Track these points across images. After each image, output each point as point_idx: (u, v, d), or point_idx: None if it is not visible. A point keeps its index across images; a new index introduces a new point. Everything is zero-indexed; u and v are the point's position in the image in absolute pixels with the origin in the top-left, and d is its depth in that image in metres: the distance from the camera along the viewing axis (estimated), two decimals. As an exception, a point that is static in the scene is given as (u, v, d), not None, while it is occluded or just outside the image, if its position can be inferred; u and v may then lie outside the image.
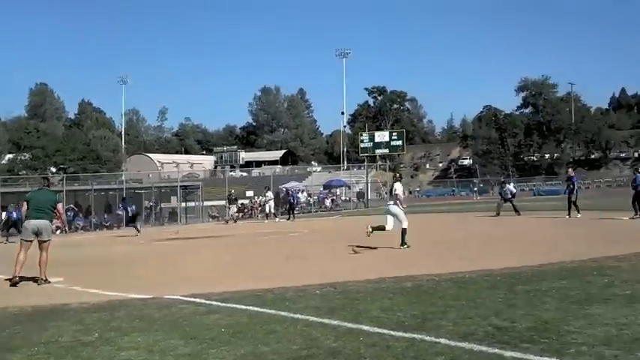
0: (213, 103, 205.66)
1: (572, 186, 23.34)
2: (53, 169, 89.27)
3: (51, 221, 11.85)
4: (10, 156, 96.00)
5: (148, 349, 5.96)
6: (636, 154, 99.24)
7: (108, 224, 38.40)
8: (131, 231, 29.16)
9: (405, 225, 14.35)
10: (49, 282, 11.14)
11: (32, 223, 11.40)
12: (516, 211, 26.33)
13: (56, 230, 34.93)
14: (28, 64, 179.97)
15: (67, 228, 29.34)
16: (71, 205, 37.74)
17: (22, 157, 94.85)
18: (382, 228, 14.51)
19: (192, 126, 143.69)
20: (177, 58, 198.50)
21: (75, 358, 5.74)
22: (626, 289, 7.77)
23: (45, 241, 11.47)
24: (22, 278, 11.23)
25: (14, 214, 28.41)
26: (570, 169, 26.19)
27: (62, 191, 37.45)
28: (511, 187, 28.93)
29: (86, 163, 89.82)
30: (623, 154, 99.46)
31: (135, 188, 44.34)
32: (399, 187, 14.78)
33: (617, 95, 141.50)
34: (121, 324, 7.24)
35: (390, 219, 14.40)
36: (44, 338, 6.64)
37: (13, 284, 10.96)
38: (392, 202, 14.61)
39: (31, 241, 11.46)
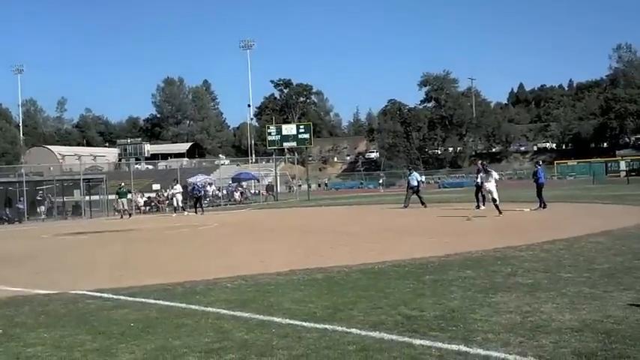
0: (115, 93, 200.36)
1: (480, 178, 23.96)
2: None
3: None
4: None
5: (54, 344, 5.85)
6: (535, 148, 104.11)
7: (8, 219, 36.78)
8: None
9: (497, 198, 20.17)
10: None
11: None
12: (422, 202, 26.95)
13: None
14: None
15: None
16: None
17: None
18: (495, 200, 20.06)
19: (93, 117, 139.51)
20: (75, 46, 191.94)
21: (-21, 356, 5.56)
22: (528, 278, 8.13)
23: None
24: None
25: None
26: (480, 162, 26.91)
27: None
28: (417, 175, 29.28)
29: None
30: (522, 148, 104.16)
31: (35, 181, 42.59)
32: (495, 173, 21.36)
33: (515, 90, 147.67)
34: (25, 320, 7.07)
35: (494, 190, 20.21)
36: (-56, 337, 6.38)
37: None
38: (491, 180, 20.62)
39: None
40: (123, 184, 38.07)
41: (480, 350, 4.95)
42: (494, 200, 20.19)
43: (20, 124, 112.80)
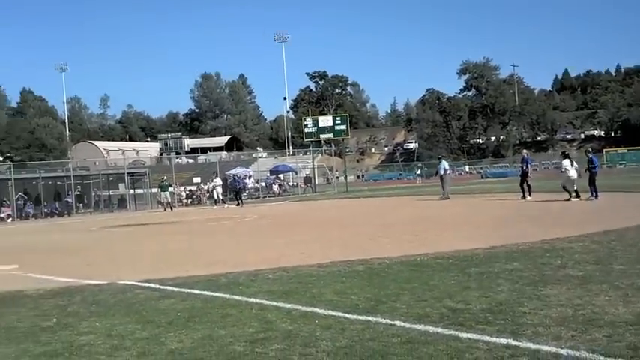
0: (156, 89, 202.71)
1: (525, 168, 23.59)
2: (0, 158, 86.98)
3: None
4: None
5: (106, 333, 6.05)
6: (582, 136, 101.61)
7: (58, 212, 37.71)
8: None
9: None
10: None
11: None
12: (443, 191, 26.84)
13: (7, 218, 34.33)
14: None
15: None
16: (21, 194, 36.96)
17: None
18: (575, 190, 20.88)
19: (135, 113, 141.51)
20: (117, 44, 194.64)
21: (35, 343, 5.78)
22: (579, 270, 7.91)
23: None
24: None
25: None
26: (525, 151, 26.47)
27: (10, 180, 36.62)
28: (445, 164, 28.86)
29: (32, 151, 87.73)
30: (569, 136, 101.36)
31: (82, 176, 43.51)
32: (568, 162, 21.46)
33: (559, 77, 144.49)
34: (78, 309, 7.30)
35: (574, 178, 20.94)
36: (2, 324, 6.69)
37: None
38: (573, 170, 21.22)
39: None
40: (165, 177, 38.68)
41: (529, 344, 4.86)
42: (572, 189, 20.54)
43: (66, 121, 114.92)
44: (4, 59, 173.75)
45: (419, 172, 71.33)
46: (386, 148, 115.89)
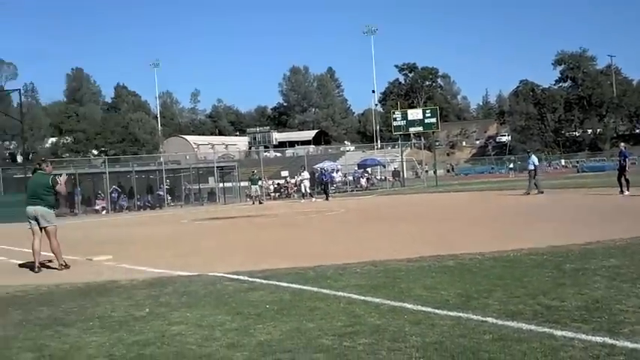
0: (245, 84, 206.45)
1: (622, 161, 22.82)
2: (95, 152, 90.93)
3: (51, 206, 11.13)
4: (53, 140, 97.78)
5: (196, 323, 6.13)
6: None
7: (150, 204, 39.04)
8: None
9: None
10: (69, 266, 10.90)
11: (29, 210, 10.99)
12: (536, 187, 26.11)
13: (102, 210, 35.81)
14: (64, 50, 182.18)
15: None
16: (115, 187, 38.46)
17: (65, 141, 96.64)
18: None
19: (224, 107, 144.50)
20: (206, 40, 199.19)
21: (128, 332, 5.93)
22: None
23: (46, 227, 10.96)
24: (42, 265, 11.08)
25: None
26: (622, 144, 25.47)
27: (105, 173, 38.15)
28: (535, 158, 28.13)
29: (125, 145, 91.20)
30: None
31: (174, 170, 44.86)
32: None
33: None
34: (169, 300, 7.45)
35: None
36: (98, 313, 6.90)
37: (36, 272, 10.74)
38: None
39: (41, 228, 11.00)
40: (255, 171, 39.35)
41: (627, 343, 4.66)
42: None
43: (158, 116, 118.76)
44: (100, 56, 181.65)
45: (511, 165, 69.55)
46: (477, 141, 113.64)
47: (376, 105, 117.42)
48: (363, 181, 49.29)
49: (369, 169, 54.28)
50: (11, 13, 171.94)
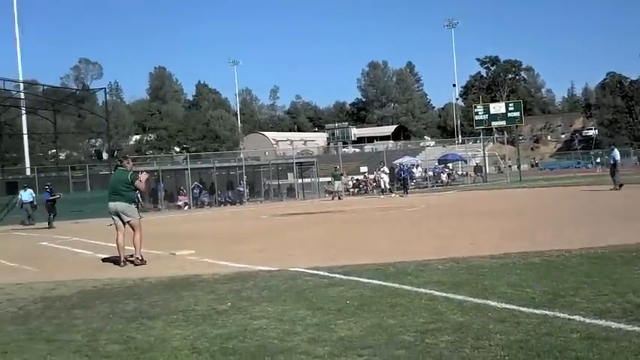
0: (323, 80, 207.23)
1: None
2: (177, 149, 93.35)
3: (131, 201, 11.39)
4: (137, 137, 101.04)
5: (277, 318, 6.17)
6: None
7: (231, 200, 39.75)
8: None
9: None
10: (145, 262, 11.08)
11: (110, 206, 11.28)
12: (614, 181, 25.27)
13: (184, 206, 36.72)
14: (147, 49, 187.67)
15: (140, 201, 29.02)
16: (196, 183, 39.37)
17: (148, 138, 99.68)
18: None
19: (303, 103, 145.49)
20: (285, 37, 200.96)
21: (211, 326, 6.02)
22: None
23: (130, 221, 11.23)
24: (127, 260, 11.29)
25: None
26: None
27: (187, 169, 39.09)
28: (617, 152, 27.21)
29: (206, 142, 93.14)
30: None
31: (253, 166, 45.52)
32: None
33: None
34: (251, 294, 7.54)
35: None
36: (182, 307, 7.05)
37: (122, 266, 11.02)
38: None
39: (124, 223, 11.28)
40: (337, 167, 39.52)
41: None
42: None
43: (238, 113, 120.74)
44: (182, 55, 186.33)
45: (598, 160, 67.09)
46: (562, 135, 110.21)
47: (457, 99, 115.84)
48: (443, 177, 48.60)
49: (449, 165, 53.48)
50: (96, 15, 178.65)
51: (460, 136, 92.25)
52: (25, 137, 53.90)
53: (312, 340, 5.26)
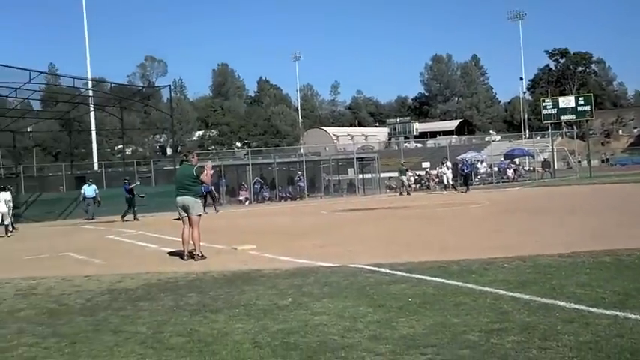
0: (385, 74, 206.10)
1: None
2: (238, 144, 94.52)
3: (198, 196, 11.62)
4: (200, 133, 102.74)
5: (338, 314, 6.14)
6: None
7: (291, 196, 39.97)
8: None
9: None
10: (205, 257, 11.11)
11: (177, 201, 11.42)
12: None
13: (245, 201, 37.14)
14: (210, 46, 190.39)
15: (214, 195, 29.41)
16: (257, 178, 39.74)
17: (210, 134, 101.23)
18: None
19: (364, 98, 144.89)
20: (347, 32, 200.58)
21: (272, 320, 6.04)
22: None
23: (192, 217, 11.33)
24: (191, 254, 11.40)
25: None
26: None
27: (248, 165, 39.49)
28: None
29: (267, 137, 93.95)
30: None
31: (313, 161, 45.64)
32: None
33: None
34: (311, 290, 7.53)
35: None
36: (243, 301, 7.11)
37: (184, 259, 11.20)
38: None
39: (187, 217, 11.40)
40: (403, 162, 39.34)
41: None
42: None
43: (299, 108, 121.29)
44: (244, 51, 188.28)
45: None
46: (635, 130, 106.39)
47: (524, 93, 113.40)
48: (509, 173, 47.63)
49: (516, 160, 52.35)
50: (161, 14, 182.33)
51: (527, 131, 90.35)
52: (94, 133, 55.52)
53: (374, 338, 5.22)
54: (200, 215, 11.61)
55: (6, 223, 21.86)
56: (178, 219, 11.98)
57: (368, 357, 4.72)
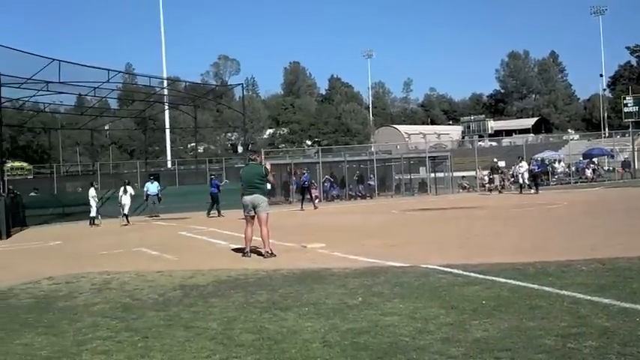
0: (459, 71, 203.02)
1: None
2: (309, 142, 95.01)
3: (266, 194, 11.74)
4: (270, 131, 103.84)
5: (410, 315, 6.05)
6: None
7: (361, 194, 39.84)
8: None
9: None
10: (274, 255, 11.15)
11: (246, 199, 11.50)
12: None
13: (315, 199, 37.19)
14: (282, 45, 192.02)
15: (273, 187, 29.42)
16: (327, 176, 39.76)
17: (281, 132, 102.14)
18: None
19: (437, 96, 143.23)
20: (419, 29, 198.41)
21: (342, 320, 6.01)
22: None
23: (260, 214, 11.44)
24: (253, 251, 11.58)
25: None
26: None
27: (318, 163, 39.56)
28: None
29: (337, 135, 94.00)
30: None
31: (384, 159, 45.37)
32: None
33: None
34: (382, 290, 7.45)
35: None
36: (313, 299, 7.10)
37: (246, 256, 11.31)
38: None
39: (252, 216, 11.58)
40: (496, 159, 38.76)
41: None
42: None
43: (370, 106, 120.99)
44: (315, 50, 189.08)
45: None
46: None
47: (604, 90, 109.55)
48: (588, 173, 46.12)
49: (595, 160, 50.67)
50: (234, 13, 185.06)
51: (607, 130, 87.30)
52: (167, 131, 56.86)
53: (446, 340, 5.12)
54: (268, 213, 11.69)
55: (92, 215, 25.10)
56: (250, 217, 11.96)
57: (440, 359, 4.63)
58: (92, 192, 25.43)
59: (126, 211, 24.76)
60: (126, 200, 24.84)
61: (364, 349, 4.96)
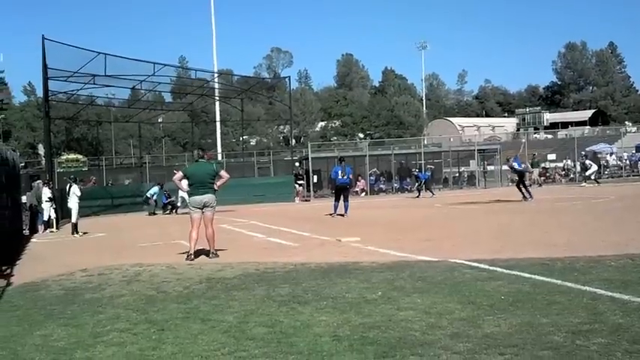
0: (514, 63, 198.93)
1: None
2: (361, 135, 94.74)
3: (215, 192, 11.25)
4: (322, 123, 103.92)
5: (425, 310, 6.08)
6: None
7: (408, 188, 39.57)
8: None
9: None
10: (218, 255, 10.90)
11: (197, 200, 11.07)
12: None
13: (361, 192, 37.10)
14: (335, 36, 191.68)
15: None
16: (374, 169, 39.62)
17: (333, 125, 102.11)
18: None
19: (492, 88, 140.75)
20: (474, 20, 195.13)
21: (357, 314, 6.07)
22: None
23: (208, 214, 11.09)
24: (197, 254, 11.09)
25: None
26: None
27: (366, 156, 39.44)
28: None
29: (390, 128, 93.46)
30: None
31: (433, 152, 44.95)
32: None
33: None
34: (403, 284, 7.49)
35: None
36: (333, 293, 7.17)
37: (189, 259, 10.75)
38: None
39: (197, 215, 11.13)
40: (536, 153, 38.18)
41: None
42: None
43: (423, 98, 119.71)
44: (368, 41, 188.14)
45: None
46: None
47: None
48: (640, 166, 44.90)
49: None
50: (287, 5, 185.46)
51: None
52: (218, 124, 57.46)
53: (455, 335, 5.14)
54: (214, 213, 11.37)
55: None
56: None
57: (444, 355, 4.65)
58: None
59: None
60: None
61: (371, 344, 5.01)
